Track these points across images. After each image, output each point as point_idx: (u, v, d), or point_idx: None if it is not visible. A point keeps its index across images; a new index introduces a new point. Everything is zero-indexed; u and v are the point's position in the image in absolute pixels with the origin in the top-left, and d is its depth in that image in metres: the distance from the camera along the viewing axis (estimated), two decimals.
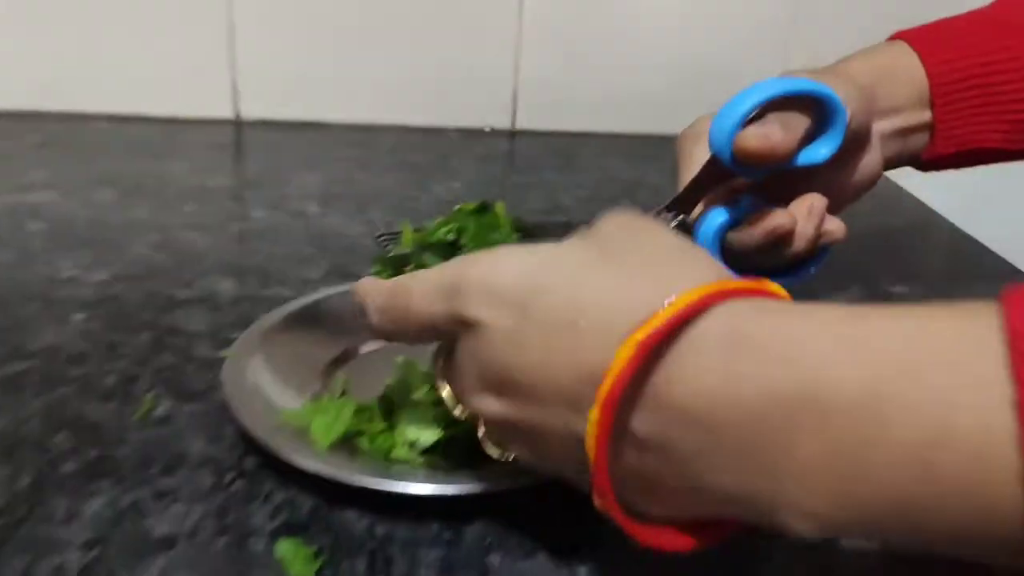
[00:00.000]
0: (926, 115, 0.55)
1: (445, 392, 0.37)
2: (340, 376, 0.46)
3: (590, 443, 0.29)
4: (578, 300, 0.31)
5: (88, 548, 0.37)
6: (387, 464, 0.41)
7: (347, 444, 0.42)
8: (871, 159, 0.53)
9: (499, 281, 0.33)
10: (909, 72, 0.54)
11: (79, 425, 0.44)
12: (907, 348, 0.26)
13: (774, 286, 0.32)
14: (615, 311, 0.30)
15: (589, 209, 0.74)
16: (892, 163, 0.56)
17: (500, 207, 0.50)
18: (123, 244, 0.65)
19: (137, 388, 0.48)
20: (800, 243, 0.48)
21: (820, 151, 0.49)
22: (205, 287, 0.59)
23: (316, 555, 0.37)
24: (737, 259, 0.49)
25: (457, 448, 0.41)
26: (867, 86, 0.52)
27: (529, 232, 0.50)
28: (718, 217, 0.48)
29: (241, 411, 0.41)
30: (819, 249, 0.50)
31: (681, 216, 0.48)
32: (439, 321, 0.35)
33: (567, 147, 0.97)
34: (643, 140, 1.01)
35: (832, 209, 0.50)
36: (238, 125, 0.97)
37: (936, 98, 0.54)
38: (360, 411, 0.43)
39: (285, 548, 0.37)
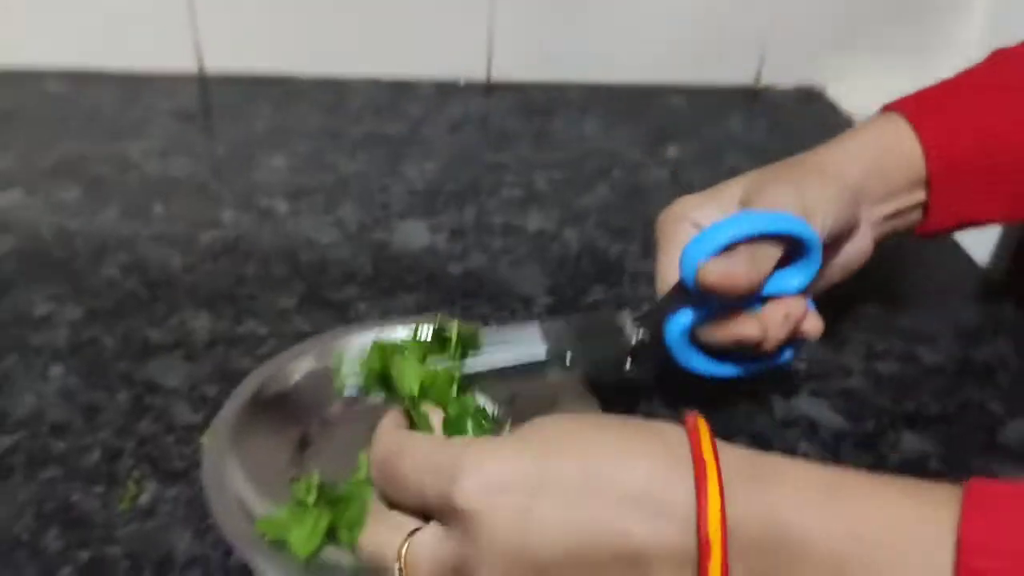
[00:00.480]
0: (921, 196, 0.53)
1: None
2: (313, 471, 0.47)
3: None
4: (585, 462, 0.33)
5: None
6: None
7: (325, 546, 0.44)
8: (860, 244, 0.53)
9: (496, 467, 0.34)
10: (905, 155, 0.53)
11: (68, 519, 0.47)
12: (870, 530, 0.30)
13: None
14: (629, 469, 0.33)
15: (564, 200, 0.74)
16: (883, 240, 0.55)
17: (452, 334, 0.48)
18: (93, 266, 0.65)
19: (120, 467, 0.50)
20: (770, 347, 0.49)
21: (792, 282, 0.49)
22: (179, 327, 0.60)
23: None
24: (707, 348, 0.50)
25: None
26: (857, 181, 0.51)
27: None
28: (684, 318, 0.49)
29: (224, 522, 0.43)
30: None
31: (643, 335, 0.48)
32: (429, 498, 0.36)
33: (543, 105, 0.95)
34: (620, 92, 0.99)
35: (818, 288, 0.52)
36: (203, 82, 0.94)
37: (933, 179, 0.53)
38: (336, 503, 0.45)
39: None
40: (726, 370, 0.52)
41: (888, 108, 0.55)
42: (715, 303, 0.48)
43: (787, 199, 0.48)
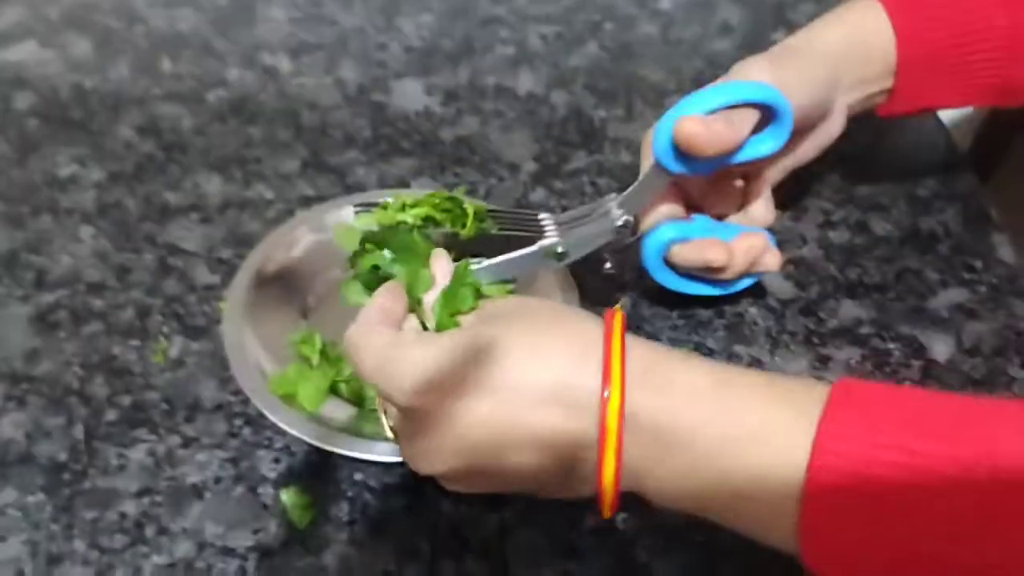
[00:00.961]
0: (889, 83, 0.57)
1: (389, 425, 0.46)
2: (315, 330, 0.55)
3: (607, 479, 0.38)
4: (506, 366, 0.39)
5: (140, 497, 0.49)
6: (363, 417, 0.52)
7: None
8: (833, 124, 0.57)
9: (430, 368, 0.39)
10: (879, 45, 0.55)
11: (111, 369, 0.55)
12: (745, 424, 0.36)
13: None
14: (544, 369, 0.39)
15: (555, 59, 0.76)
16: (848, 119, 0.58)
17: (468, 206, 0.52)
18: (110, 127, 0.70)
19: (151, 323, 0.57)
20: (730, 275, 0.55)
21: (764, 145, 0.52)
22: (193, 189, 0.66)
23: (311, 503, 0.49)
24: (676, 268, 0.56)
25: None
26: (833, 66, 0.54)
27: (492, 218, 0.53)
28: (665, 234, 0.54)
29: (243, 379, 0.51)
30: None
31: (626, 217, 0.53)
32: (381, 394, 0.43)
33: None
34: None
35: (792, 166, 0.57)
36: None
37: (901, 70, 0.55)
38: (337, 361, 0.53)
39: (288, 497, 0.49)
40: (692, 288, 0.58)
41: None
42: (695, 217, 0.54)
43: (763, 73, 0.52)
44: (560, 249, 0.52)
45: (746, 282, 0.58)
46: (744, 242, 0.55)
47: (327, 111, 0.73)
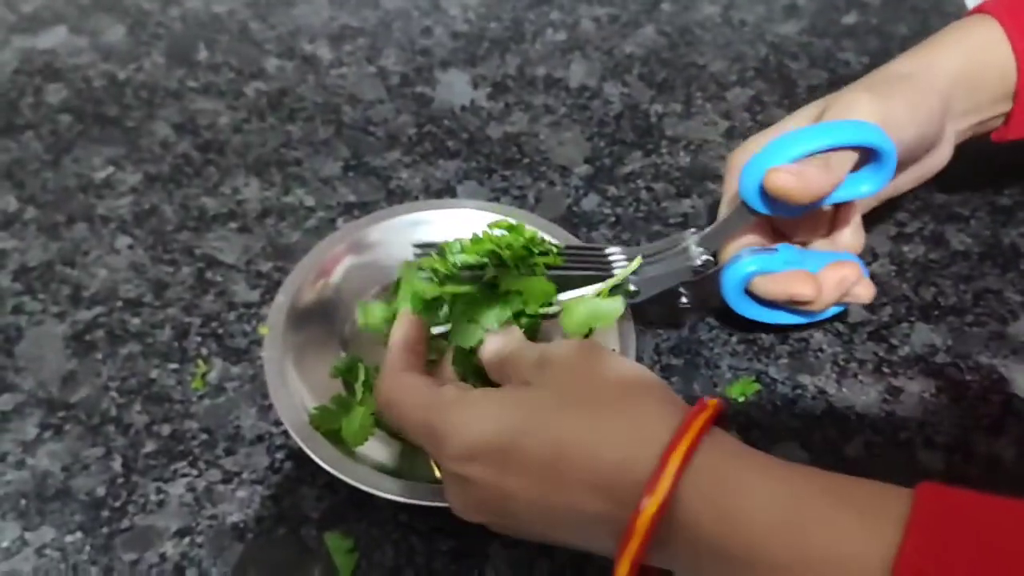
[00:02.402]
0: (1007, 107, 0.52)
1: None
2: (361, 361, 0.52)
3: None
4: (557, 443, 0.36)
5: (180, 537, 0.48)
6: (407, 456, 0.50)
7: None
8: (940, 155, 0.53)
9: (474, 438, 0.38)
10: (997, 69, 0.51)
11: (149, 395, 0.53)
12: (819, 540, 0.32)
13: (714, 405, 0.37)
14: (595, 458, 0.36)
15: (608, 45, 0.72)
16: (959, 145, 0.54)
17: (530, 234, 0.50)
18: (146, 124, 0.67)
19: (189, 344, 0.55)
20: (819, 308, 0.51)
21: (863, 186, 0.49)
22: (231, 195, 0.63)
23: (354, 547, 0.47)
24: (759, 298, 0.52)
25: None
26: (945, 93, 0.50)
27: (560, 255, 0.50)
28: (747, 267, 0.50)
29: (284, 413, 0.49)
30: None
31: (706, 256, 0.50)
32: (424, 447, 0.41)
33: None
34: None
35: (889, 195, 0.53)
36: None
37: (1022, 94, 0.51)
38: None
39: (331, 541, 0.48)
40: (775, 318, 0.54)
41: (980, 9, 0.52)
42: (779, 247, 0.50)
43: (865, 108, 0.47)
44: (632, 287, 0.49)
45: (832, 310, 0.55)
46: (835, 273, 0.51)
47: (369, 106, 0.70)
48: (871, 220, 0.63)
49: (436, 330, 0.48)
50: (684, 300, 0.52)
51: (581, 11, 0.78)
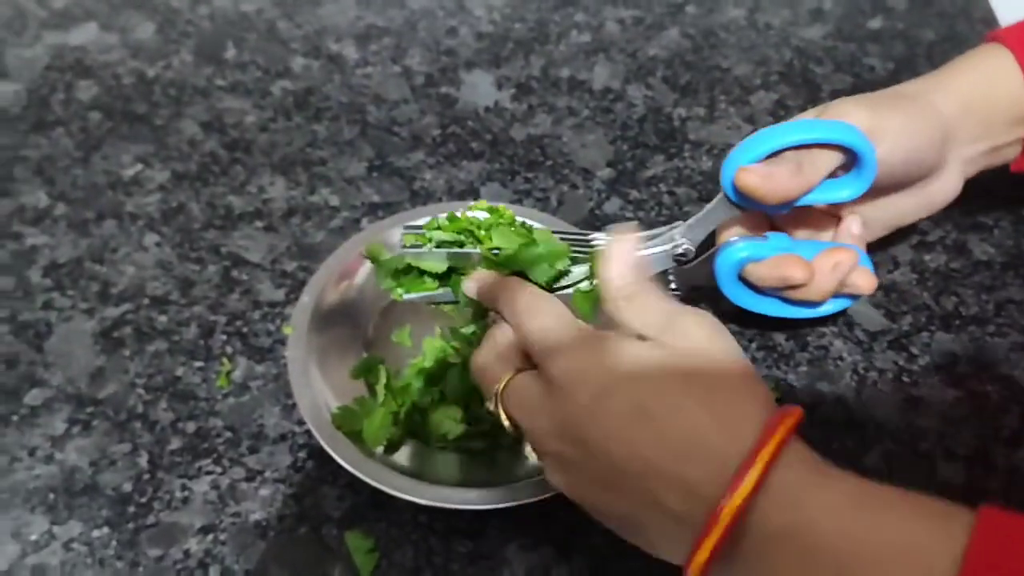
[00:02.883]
0: (1021, 132, 0.52)
1: (506, 421, 0.43)
2: (382, 363, 0.53)
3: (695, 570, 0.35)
4: (675, 407, 0.37)
5: (204, 534, 0.49)
6: (427, 457, 0.50)
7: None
8: (945, 184, 0.52)
9: (589, 367, 0.38)
10: (1007, 92, 0.50)
11: (175, 392, 0.54)
12: (882, 538, 0.33)
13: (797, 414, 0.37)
14: (698, 438, 0.36)
15: (633, 47, 0.72)
16: (974, 176, 0.54)
17: (508, 214, 0.51)
18: (174, 122, 0.68)
19: (214, 342, 0.56)
20: (814, 295, 0.51)
21: (842, 191, 0.49)
22: (258, 194, 0.64)
23: (375, 547, 0.48)
24: (753, 287, 0.52)
25: (479, 439, 0.51)
26: (952, 117, 0.49)
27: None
28: (737, 253, 0.50)
29: (307, 412, 0.50)
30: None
31: (687, 246, 0.50)
32: (537, 354, 0.41)
33: None
34: None
35: (895, 226, 0.53)
36: None
37: None
38: (402, 393, 0.52)
39: (351, 541, 0.48)
40: (771, 309, 0.54)
41: (993, 37, 0.52)
42: (769, 235, 0.50)
43: (855, 114, 0.48)
44: None
45: (835, 306, 0.54)
46: (830, 259, 0.50)
47: (393, 106, 0.70)
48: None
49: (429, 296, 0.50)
50: (673, 286, 0.52)
51: (606, 13, 0.78)
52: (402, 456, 0.50)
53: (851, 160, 0.48)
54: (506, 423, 0.43)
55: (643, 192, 0.65)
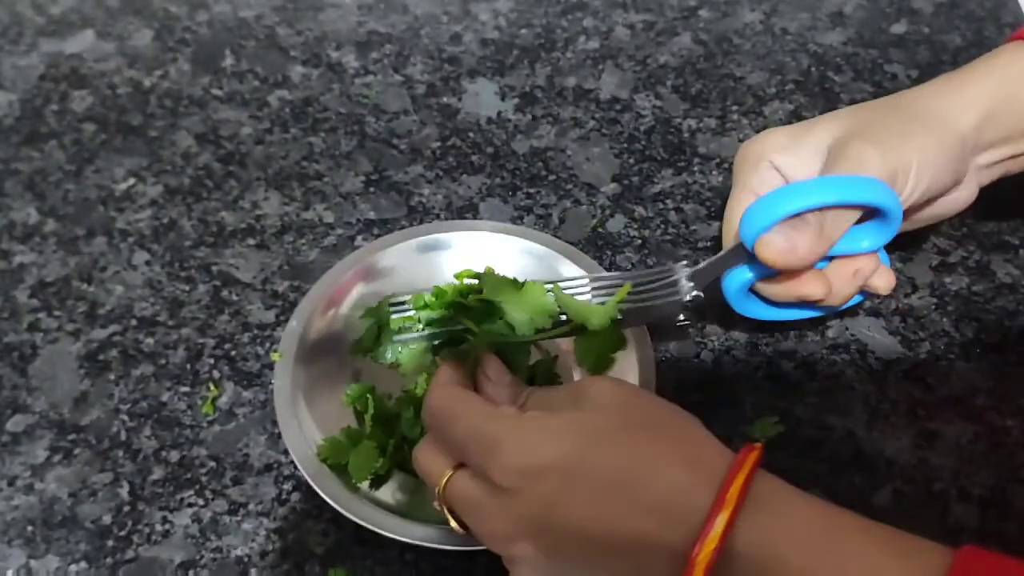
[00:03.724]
0: None
1: (454, 524, 0.41)
2: (371, 391, 0.51)
3: None
4: (622, 463, 0.36)
5: (184, 570, 0.47)
6: (414, 492, 0.48)
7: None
8: (961, 194, 0.50)
9: (541, 453, 0.36)
10: None
11: (159, 419, 0.52)
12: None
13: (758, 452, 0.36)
14: (658, 480, 0.35)
15: (642, 54, 0.69)
16: (989, 183, 0.51)
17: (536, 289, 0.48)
18: (169, 134, 0.67)
19: (202, 366, 0.55)
20: (834, 303, 0.49)
21: (862, 242, 0.47)
22: (251, 209, 0.62)
23: None
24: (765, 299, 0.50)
25: None
26: (970, 129, 0.47)
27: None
28: (745, 274, 0.48)
29: (292, 445, 0.48)
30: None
31: (696, 293, 0.48)
32: (471, 462, 0.39)
33: None
34: None
35: (903, 230, 0.50)
36: None
37: None
38: (389, 425, 0.50)
39: None
40: (785, 315, 0.52)
41: (1016, 38, 0.49)
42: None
43: (872, 163, 0.45)
44: (618, 316, 0.47)
45: (852, 301, 0.52)
46: (848, 267, 0.49)
47: (393, 117, 0.68)
48: (910, 248, 0.60)
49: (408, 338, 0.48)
50: (682, 318, 0.50)
51: (616, 17, 0.76)
52: (389, 490, 0.49)
53: (874, 211, 0.46)
54: (454, 525, 0.41)
55: (649, 209, 0.62)
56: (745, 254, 0.47)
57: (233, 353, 0.55)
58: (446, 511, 0.41)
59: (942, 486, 0.50)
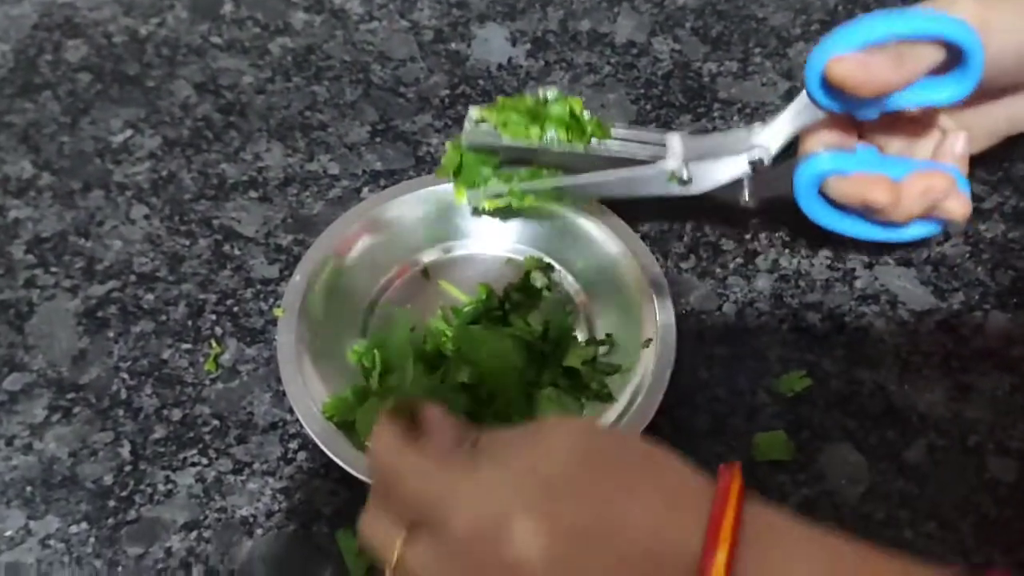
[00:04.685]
0: None
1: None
2: (378, 347, 0.49)
3: None
4: (596, 510, 0.31)
5: (187, 531, 0.46)
6: None
7: None
8: None
9: (492, 516, 0.31)
10: None
11: (161, 376, 0.51)
12: None
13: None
14: (637, 523, 0.30)
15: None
16: None
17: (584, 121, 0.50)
18: (166, 83, 0.64)
19: (204, 322, 0.53)
20: (898, 217, 0.46)
21: (943, 92, 0.44)
22: (253, 161, 0.60)
23: None
24: (833, 203, 0.48)
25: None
26: None
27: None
28: (819, 165, 0.46)
29: (297, 403, 0.46)
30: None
31: (761, 154, 0.46)
32: (423, 522, 0.33)
33: None
34: None
35: (983, 145, 0.48)
36: None
37: None
38: (398, 380, 0.48)
39: (343, 540, 0.45)
40: (850, 228, 0.50)
41: None
42: (859, 148, 0.47)
43: (966, 8, 0.43)
44: (684, 176, 0.45)
45: (922, 230, 0.50)
46: (919, 183, 0.46)
47: (399, 64, 0.65)
48: None
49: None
50: (746, 197, 0.48)
51: None
52: None
53: (955, 58, 0.43)
54: None
55: None
56: (813, 107, 0.45)
57: (236, 309, 0.53)
58: None
59: (978, 440, 0.47)
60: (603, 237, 0.52)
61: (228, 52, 0.66)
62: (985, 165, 0.58)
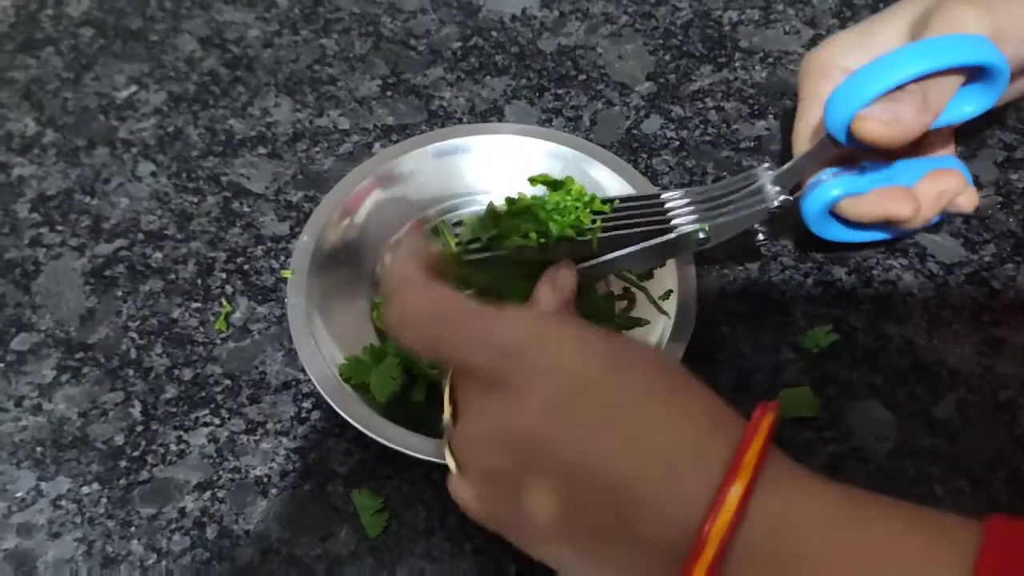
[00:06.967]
0: None
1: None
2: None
3: None
4: (636, 399, 0.31)
5: (201, 491, 0.45)
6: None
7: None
8: None
9: (559, 361, 0.32)
10: None
11: (171, 336, 0.50)
12: (879, 561, 0.28)
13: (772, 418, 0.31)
14: (673, 433, 0.31)
15: None
16: None
17: (575, 186, 0.45)
18: (171, 38, 0.63)
19: (213, 280, 0.51)
20: (918, 224, 0.46)
21: (966, 107, 0.43)
22: (261, 116, 0.58)
23: (383, 507, 0.44)
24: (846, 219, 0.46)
25: None
26: None
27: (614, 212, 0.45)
28: (831, 191, 0.45)
29: (309, 363, 0.45)
30: None
31: (784, 196, 0.44)
32: (478, 370, 0.33)
33: None
34: None
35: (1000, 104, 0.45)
36: None
37: None
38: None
39: (359, 500, 0.44)
40: (865, 237, 0.49)
41: None
42: (865, 163, 0.45)
43: (971, 20, 0.41)
44: (702, 235, 0.43)
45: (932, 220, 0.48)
46: (935, 186, 0.45)
47: (410, 16, 0.63)
48: (973, 143, 0.55)
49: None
50: (761, 237, 0.46)
51: None
52: (415, 408, 0.46)
53: (977, 72, 0.41)
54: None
55: (687, 109, 0.58)
56: (832, 146, 0.42)
57: (246, 267, 0.52)
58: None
59: (1009, 395, 0.46)
60: (619, 189, 0.50)
61: (233, 5, 0.65)
62: (1016, 113, 0.56)
